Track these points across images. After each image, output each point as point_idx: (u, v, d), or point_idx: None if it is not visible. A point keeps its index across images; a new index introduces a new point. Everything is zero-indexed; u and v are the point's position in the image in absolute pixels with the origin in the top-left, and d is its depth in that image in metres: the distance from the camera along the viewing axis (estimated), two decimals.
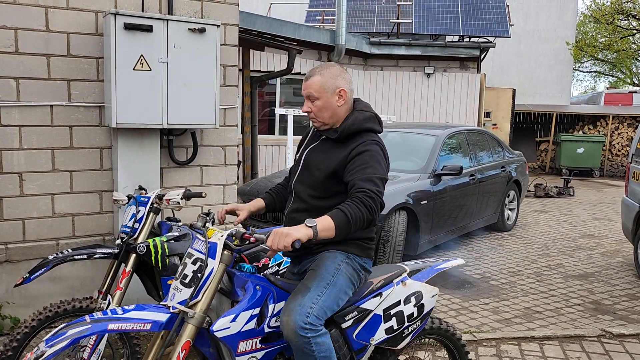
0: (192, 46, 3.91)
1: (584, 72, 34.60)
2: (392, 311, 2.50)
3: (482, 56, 12.33)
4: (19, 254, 3.79)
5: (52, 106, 3.80)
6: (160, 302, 2.24)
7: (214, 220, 2.44)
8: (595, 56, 28.42)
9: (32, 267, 2.95)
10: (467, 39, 12.30)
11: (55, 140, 3.83)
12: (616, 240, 7.61)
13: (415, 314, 2.56)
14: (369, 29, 13.08)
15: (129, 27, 3.65)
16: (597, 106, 18.53)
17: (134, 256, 3.06)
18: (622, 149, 16.29)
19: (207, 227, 2.29)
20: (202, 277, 2.12)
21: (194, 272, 2.15)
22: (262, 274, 2.38)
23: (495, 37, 12.12)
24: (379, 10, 13.48)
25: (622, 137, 16.32)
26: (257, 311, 2.19)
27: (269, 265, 3.09)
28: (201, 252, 2.18)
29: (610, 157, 16.42)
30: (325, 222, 2.06)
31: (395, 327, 2.51)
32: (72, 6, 3.78)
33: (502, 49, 18.44)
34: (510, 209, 8.14)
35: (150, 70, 3.78)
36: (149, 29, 3.72)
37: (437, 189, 6.11)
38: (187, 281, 2.15)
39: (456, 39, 12.54)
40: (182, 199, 3.25)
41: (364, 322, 2.43)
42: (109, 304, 3.00)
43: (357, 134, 2.40)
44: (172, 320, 2.12)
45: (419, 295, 2.58)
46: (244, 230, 2.20)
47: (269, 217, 5.88)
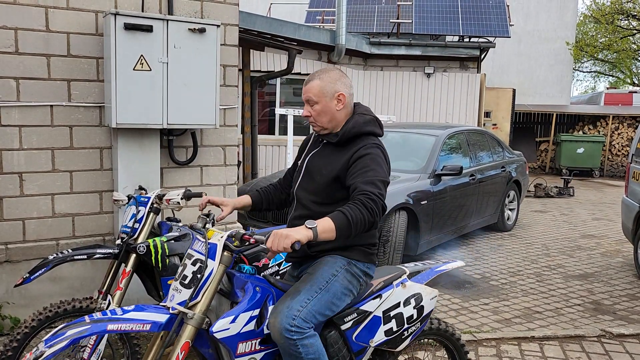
0: (192, 46, 3.91)
1: (584, 72, 34.61)
2: (392, 313, 2.50)
3: (482, 56, 12.33)
4: (19, 254, 3.80)
5: (52, 106, 3.80)
6: (160, 303, 2.24)
7: (214, 221, 2.44)
8: (595, 56, 28.42)
9: (32, 267, 2.95)
10: (467, 39, 12.29)
11: (55, 140, 3.84)
12: (616, 240, 7.61)
13: (414, 316, 2.56)
14: (369, 29, 13.07)
15: (129, 27, 3.65)
16: (597, 106, 18.53)
17: (134, 256, 3.07)
18: (622, 149, 16.29)
19: (207, 228, 2.29)
20: (201, 278, 2.12)
21: (193, 273, 2.15)
22: (261, 274, 2.38)
23: (495, 37, 12.12)
24: (379, 10, 13.48)
25: (622, 137, 16.33)
26: (256, 312, 2.19)
27: (269, 265, 3.09)
28: (201, 253, 2.18)
29: (610, 157, 16.42)
30: (325, 224, 2.05)
31: (394, 329, 2.51)
32: (72, 6, 3.79)
33: (502, 49, 18.44)
34: (510, 209, 8.14)
35: (150, 70, 3.78)
36: (149, 29, 3.72)
37: (437, 189, 6.11)
38: (186, 282, 2.15)
39: (456, 39, 12.53)
40: (182, 199, 3.26)
41: (364, 323, 2.43)
42: (109, 304, 3.00)
43: (357, 137, 2.40)
44: (172, 321, 2.12)
45: (418, 297, 2.58)
46: (243, 231, 2.20)
47: (269, 217, 5.88)
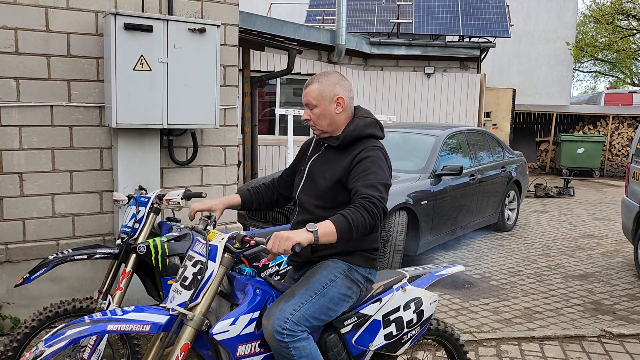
0: (192, 46, 3.91)
1: (584, 72, 34.60)
2: (392, 317, 2.49)
3: (482, 56, 12.32)
4: (19, 254, 3.79)
5: (52, 106, 3.80)
6: (160, 303, 2.24)
7: (215, 223, 2.44)
8: (595, 56, 28.40)
9: (32, 267, 2.95)
10: (467, 39, 12.29)
11: (55, 140, 3.83)
12: (616, 240, 7.61)
13: (414, 320, 2.55)
14: (369, 29, 13.07)
15: (129, 27, 3.65)
16: (597, 106, 18.53)
17: (134, 256, 3.07)
18: (622, 149, 16.29)
19: (208, 230, 2.29)
20: (202, 279, 2.12)
21: (194, 274, 2.15)
22: (262, 274, 2.38)
23: (495, 37, 12.11)
24: (379, 10, 13.47)
25: (622, 137, 16.33)
26: (256, 315, 2.19)
27: (269, 265, 3.09)
28: (202, 254, 2.17)
29: (610, 157, 16.42)
30: (326, 227, 2.05)
31: (394, 333, 2.50)
32: (72, 6, 3.78)
33: (502, 49, 18.44)
34: (510, 209, 8.14)
35: (150, 70, 3.78)
36: (149, 29, 3.72)
37: (437, 189, 6.11)
38: (187, 283, 2.15)
39: (456, 39, 12.53)
40: (182, 199, 3.26)
41: (363, 327, 2.42)
42: (109, 304, 3.00)
43: (358, 140, 2.40)
44: (172, 322, 2.11)
45: (418, 301, 2.57)
46: (244, 233, 2.20)
47: (269, 217, 5.88)
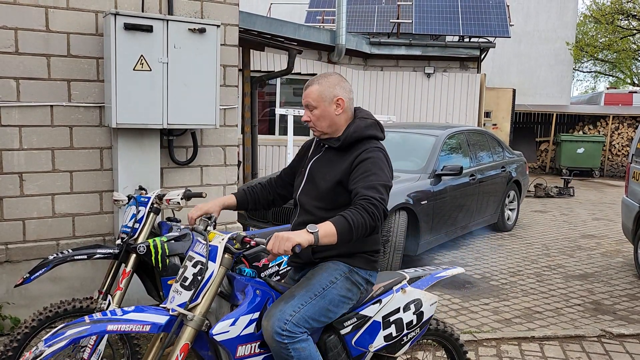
0: (192, 46, 3.91)
1: (584, 72, 34.60)
2: (392, 318, 2.49)
3: (482, 56, 12.32)
4: (19, 254, 3.79)
5: (52, 106, 3.80)
6: (160, 303, 2.24)
7: (215, 223, 2.44)
8: (595, 56, 28.40)
9: (33, 267, 2.95)
10: (467, 39, 12.29)
11: (55, 140, 3.83)
12: (616, 240, 7.61)
13: (414, 322, 2.56)
14: (369, 29, 13.07)
15: (129, 27, 3.65)
16: (597, 106, 18.53)
17: (134, 256, 3.07)
18: (622, 149, 16.29)
19: (208, 230, 2.29)
20: (202, 280, 2.12)
21: (194, 274, 2.15)
22: (262, 275, 2.38)
23: (495, 37, 12.11)
24: (379, 10, 13.47)
25: (622, 137, 16.33)
26: (256, 315, 2.19)
27: (269, 265, 3.09)
28: (202, 255, 2.17)
29: (610, 157, 16.42)
30: (327, 228, 2.05)
31: (394, 334, 2.50)
32: (72, 6, 3.78)
33: (502, 49, 18.43)
34: (510, 209, 8.14)
35: (150, 70, 3.78)
36: (149, 29, 3.72)
37: (437, 189, 6.11)
38: (187, 284, 2.15)
39: (456, 39, 12.53)
40: (182, 199, 3.26)
41: (363, 328, 2.42)
42: (109, 304, 3.00)
43: (359, 141, 2.40)
44: (171, 322, 2.11)
45: (418, 302, 2.57)
46: (244, 233, 2.20)
47: (269, 218, 5.88)
